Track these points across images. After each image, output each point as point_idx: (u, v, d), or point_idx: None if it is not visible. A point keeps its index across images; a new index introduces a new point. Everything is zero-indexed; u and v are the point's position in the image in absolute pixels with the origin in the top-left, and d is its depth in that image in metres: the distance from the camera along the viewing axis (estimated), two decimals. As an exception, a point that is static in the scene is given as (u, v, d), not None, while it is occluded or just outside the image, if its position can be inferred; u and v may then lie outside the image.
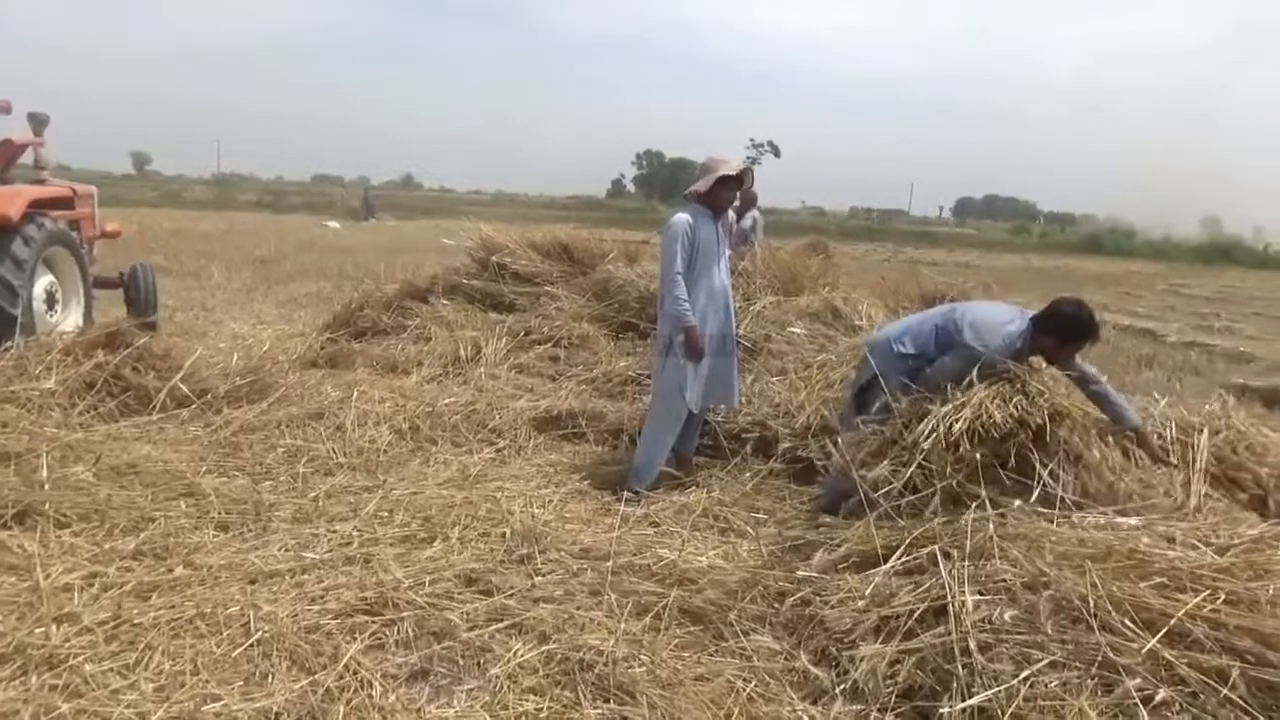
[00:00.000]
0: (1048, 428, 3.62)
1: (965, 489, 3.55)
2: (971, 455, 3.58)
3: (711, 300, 4.78)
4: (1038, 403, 3.66)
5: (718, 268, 4.80)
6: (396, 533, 3.93)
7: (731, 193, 4.86)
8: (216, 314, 10.09)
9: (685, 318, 4.64)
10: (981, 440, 3.61)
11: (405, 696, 2.78)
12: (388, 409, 5.48)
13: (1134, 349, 11.09)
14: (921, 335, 4.22)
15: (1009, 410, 3.64)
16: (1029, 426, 3.63)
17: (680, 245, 4.64)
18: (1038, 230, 61.23)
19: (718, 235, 4.83)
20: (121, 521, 3.82)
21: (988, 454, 3.60)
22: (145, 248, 15.84)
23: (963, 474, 3.57)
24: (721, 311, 4.84)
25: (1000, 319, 4.06)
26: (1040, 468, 3.55)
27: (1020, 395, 3.70)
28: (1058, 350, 3.97)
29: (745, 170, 4.82)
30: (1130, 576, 2.83)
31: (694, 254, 4.68)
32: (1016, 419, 3.63)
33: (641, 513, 4.38)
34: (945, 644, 2.78)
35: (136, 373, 5.45)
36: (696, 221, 4.72)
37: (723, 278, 4.85)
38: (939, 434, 3.64)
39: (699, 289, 4.72)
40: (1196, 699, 2.44)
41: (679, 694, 2.81)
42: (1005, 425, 3.62)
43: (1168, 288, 22.46)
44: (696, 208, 4.77)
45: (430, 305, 7.72)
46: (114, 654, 2.87)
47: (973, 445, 3.60)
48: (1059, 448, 3.61)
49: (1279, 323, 15.50)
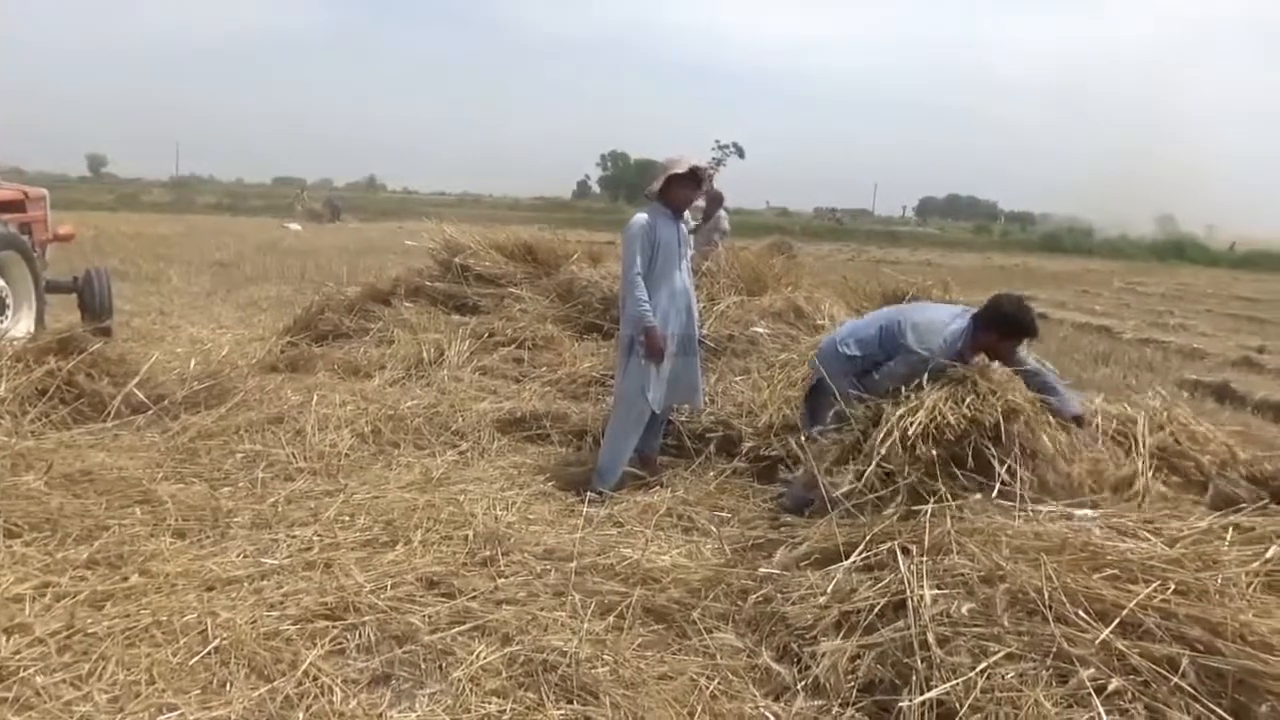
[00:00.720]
0: (1002, 425, 3.67)
1: (925, 485, 3.60)
2: (929, 454, 3.63)
3: (673, 300, 4.78)
4: (990, 401, 3.71)
5: (679, 268, 4.81)
6: (358, 537, 3.89)
7: (688, 191, 4.82)
8: (174, 318, 9.92)
9: (645, 318, 4.64)
10: (937, 442, 3.66)
11: (366, 702, 2.75)
12: (349, 412, 5.43)
13: (1090, 346, 11.28)
14: (866, 337, 4.30)
15: (962, 411, 3.70)
16: (983, 425, 3.68)
17: (640, 245, 4.65)
18: (998, 229, 62.17)
19: (679, 235, 4.83)
20: (74, 530, 3.75)
21: (945, 454, 3.65)
22: (101, 251, 15.56)
23: (921, 471, 3.62)
24: (683, 312, 4.84)
25: (941, 320, 4.14)
26: (998, 465, 3.59)
27: (972, 394, 3.76)
28: (998, 346, 4.05)
29: (696, 168, 4.77)
30: (1084, 569, 2.88)
31: (654, 254, 4.68)
32: (969, 418, 3.69)
33: (605, 513, 4.38)
34: (904, 638, 2.81)
35: (90, 379, 5.35)
36: (656, 221, 4.72)
37: (684, 278, 4.86)
38: (894, 438, 3.68)
39: (660, 289, 4.72)
40: (1148, 687, 2.49)
41: (642, 693, 2.82)
42: (959, 426, 3.68)
43: (1124, 285, 22.88)
44: (657, 207, 4.78)
45: (393, 308, 7.65)
46: (66, 665, 2.81)
47: (929, 446, 3.65)
48: (1014, 444, 3.66)
49: (1229, 319, 15.85)
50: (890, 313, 4.46)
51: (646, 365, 4.70)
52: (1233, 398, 8.31)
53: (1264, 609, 2.64)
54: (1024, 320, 4.03)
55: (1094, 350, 10.91)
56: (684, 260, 4.87)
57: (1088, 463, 3.80)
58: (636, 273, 4.64)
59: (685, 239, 4.92)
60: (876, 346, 4.21)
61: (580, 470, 4.98)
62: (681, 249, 4.85)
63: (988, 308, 4.09)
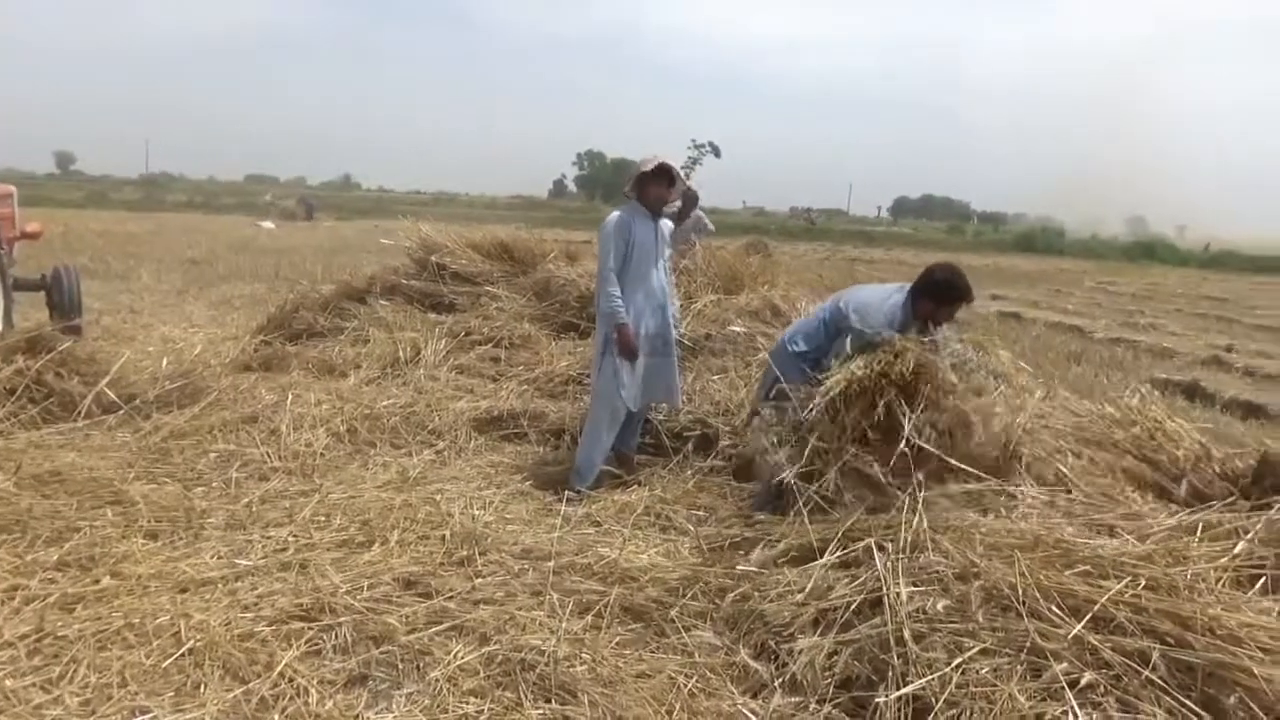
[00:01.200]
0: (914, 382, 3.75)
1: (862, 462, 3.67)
2: (852, 420, 3.71)
3: (649, 298, 4.79)
4: (902, 359, 3.79)
5: (655, 266, 4.82)
6: (334, 537, 3.86)
7: (660, 190, 4.81)
8: (145, 317, 9.80)
9: (617, 314, 4.66)
10: (855, 399, 3.75)
11: (343, 703, 2.74)
12: (324, 412, 5.39)
13: (1063, 345, 11.40)
14: (810, 330, 4.44)
15: (871, 368, 3.79)
16: (892, 379, 3.75)
17: (614, 243, 4.67)
18: (972, 229, 62.62)
19: (656, 234, 4.84)
20: (44, 532, 3.70)
21: (859, 414, 3.73)
22: (70, 249, 15.34)
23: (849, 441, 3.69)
24: (658, 311, 4.85)
25: (879, 297, 4.29)
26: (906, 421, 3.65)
27: (888, 356, 3.83)
28: (936, 312, 4.17)
29: (665, 166, 4.75)
30: (1056, 565, 2.91)
31: (630, 252, 4.70)
32: (879, 372, 3.76)
33: (583, 512, 4.38)
34: (881, 635, 2.83)
35: (60, 378, 5.29)
36: (632, 220, 4.74)
37: (660, 277, 4.87)
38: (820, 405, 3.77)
39: (635, 287, 4.74)
40: (1120, 681, 2.52)
41: (621, 691, 2.82)
42: (869, 380, 3.76)
43: (1095, 285, 23.13)
44: (635, 206, 4.79)
45: (368, 306, 7.60)
46: (36, 668, 2.78)
47: (847, 408, 3.74)
48: (922, 399, 3.72)
49: (1198, 319, 16.07)
50: (828, 303, 4.60)
51: (621, 363, 4.71)
52: (1202, 396, 8.43)
53: (1232, 603, 2.69)
54: (957, 284, 4.17)
55: (1066, 349, 11.02)
56: (661, 259, 4.88)
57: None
58: (610, 269, 4.67)
59: (663, 238, 4.93)
60: (823, 337, 4.35)
61: (558, 469, 4.98)
62: (658, 248, 4.85)
63: (922, 277, 4.23)
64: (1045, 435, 3.99)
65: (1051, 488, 3.62)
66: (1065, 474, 3.75)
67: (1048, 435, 4.02)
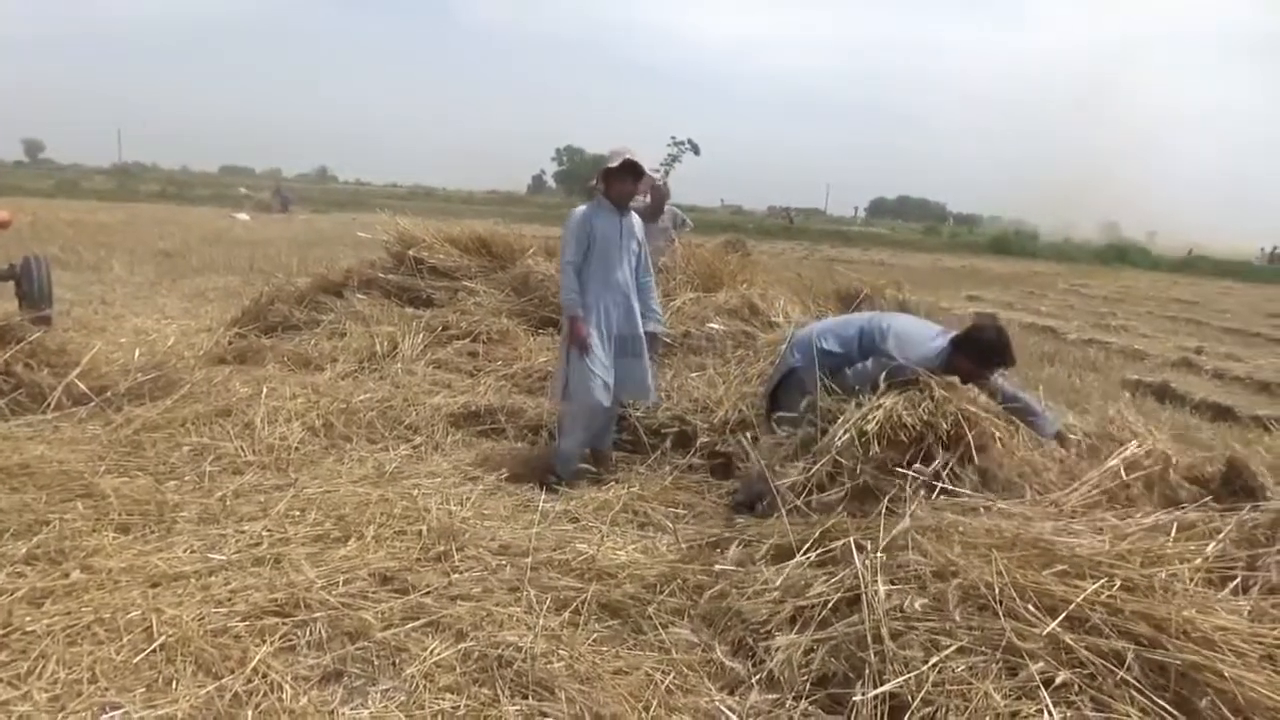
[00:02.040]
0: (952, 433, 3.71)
1: (878, 482, 3.63)
2: (881, 457, 3.65)
3: (609, 292, 4.79)
4: (945, 408, 3.75)
5: (620, 262, 4.81)
6: (309, 532, 3.82)
7: (625, 185, 4.80)
8: (117, 308, 9.65)
9: (573, 308, 4.69)
10: (892, 444, 3.69)
11: (318, 699, 2.71)
12: (300, 405, 5.34)
13: (1036, 346, 11.50)
14: (845, 335, 4.30)
15: (918, 414, 3.73)
16: (936, 431, 3.71)
17: (574, 236, 4.71)
18: (947, 231, 63.10)
19: (621, 229, 4.83)
20: (12, 525, 3.64)
21: (897, 459, 3.66)
22: (39, 239, 15.08)
23: (872, 466, 3.65)
24: (620, 305, 4.83)
25: (924, 335, 4.18)
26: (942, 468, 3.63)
27: (928, 400, 3.80)
28: (973, 374, 4.06)
29: (630, 162, 4.73)
30: (1033, 565, 2.93)
31: (591, 246, 4.72)
32: (925, 422, 3.72)
33: (561, 508, 4.36)
34: (858, 632, 2.84)
35: (29, 369, 5.21)
36: (595, 214, 4.77)
37: (625, 272, 4.85)
38: (852, 434, 3.71)
39: (596, 281, 4.75)
40: (1095, 680, 2.55)
41: (598, 688, 2.81)
42: (914, 429, 3.70)
43: (1069, 287, 23.34)
44: (600, 200, 4.82)
45: (345, 300, 7.55)
46: (4, 664, 2.74)
47: (882, 449, 3.67)
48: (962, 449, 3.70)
49: (1169, 321, 16.27)
50: (871, 316, 4.47)
51: (591, 358, 4.71)
52: (1173, 397, 8.53)
53: (1206, 605, 2.72)
54: (1001, 349, 4.05)
55: (1040, 350, 11.12)
56: (626, 253, 4.86)
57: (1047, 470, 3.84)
58: (568, 262, 4.72)
59: (630, 232, 4.90)
60: (855, 346, 4.22)
61: (535, 465, 4.95)
62: (623, 242, 4.83)
63: (968, 333, 4.11)
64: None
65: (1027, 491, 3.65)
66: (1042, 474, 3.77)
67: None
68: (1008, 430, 3.84)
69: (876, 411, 3.75)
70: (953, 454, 3.67)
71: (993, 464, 3.72)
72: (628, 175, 4.77)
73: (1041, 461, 3.83)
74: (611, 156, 4.75)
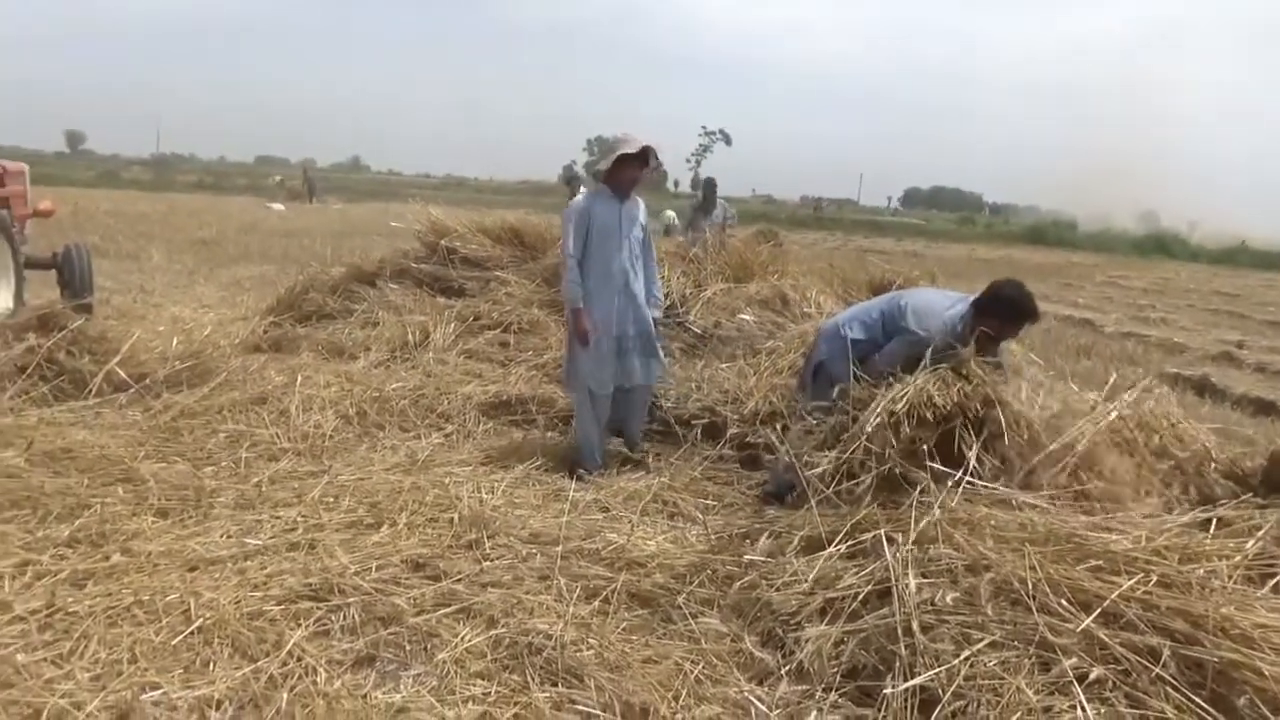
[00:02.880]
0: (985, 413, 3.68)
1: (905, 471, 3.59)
2: (910, 437, 3.61)
3: (608, 281, 4.77)
4: (978, 389, 3.72)
5: (619, 249, 4.78)
6: (342, 518, 3.87)
7: (635, 171, 4.76)
8: (156, 297, 9.83)
9: (574, 301, 4.71)
10: (921, 423, 3.66)
11: (350, 682, 2.75)
12: (333, 394, 5.40)
13: (1073, 339, 11.36)
14: (869, 321, 4.31)
15: (949, 395, 3.69)
16: (967, 413, 3.68)
17: (574, 228, 4.71)
18: (983, 221, 62.36)
19: (621, 216, 4.80)
20: (55, 508, 3.72)
21: (926, 438, 3.62)
22: (80, 228, 15.36)
23: (899, 453, 3.60)
24: (619, 294, 4.79)
25: (941, 304, 4.18)
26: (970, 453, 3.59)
27: (962, 381, 3.76)
28: (1000, 331, 4.05)
29: (647, 149, 4.71)
30: (1067, 560, 2.90)
31: (590, 236, 4.72)
32: (956, 403, 3.68)
33: (591, 498, 4.38)
34: (889, 625, 2.83)
35: (71, 356, 5.30)
36: (595, 204, 4.77)
37: (624, 259, 4.80)
38: (882, 418, 3.68)
39: (595, 270, 4.74)
40: (1129, 677, 2.51)
41: (627, 676, 2.83)
42: (945, 408, 3.66)
43: (1106, 279, 23.01)
44: (602, 189, 4.82)
45: (378, 289, 7.61)
46: (47, 643, 2.80)
47: (912, 428, 3.64)
48: (987, 432, 3.66)
49: (1209, 314, 15.99)
50: (891, 297, 4.50)
51: (583, 347, 4.73)
52: (1213, 391, 8.39)
53: (1244, 602, 2.67)
54: (1025, 304, 4.03)
55: (1076, 343, 10.98)
56: (626, 240, 4.81)
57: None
58: (569, 254, 4.72)
59: (631, 219, 4.85)
60: (880, 330, 4.23)
61: (566, 454, 4.98)
62: (622, 228, 4.79)
63: (989, 291, 4.10)
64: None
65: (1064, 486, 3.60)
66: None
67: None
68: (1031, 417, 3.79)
69: (907, 391, 3.72)
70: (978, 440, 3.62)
71: (1011, 451, 3.67)
72: (638, 162, 4.74)
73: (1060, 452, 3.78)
74: (623, 142, 4.69)
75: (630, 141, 4.69)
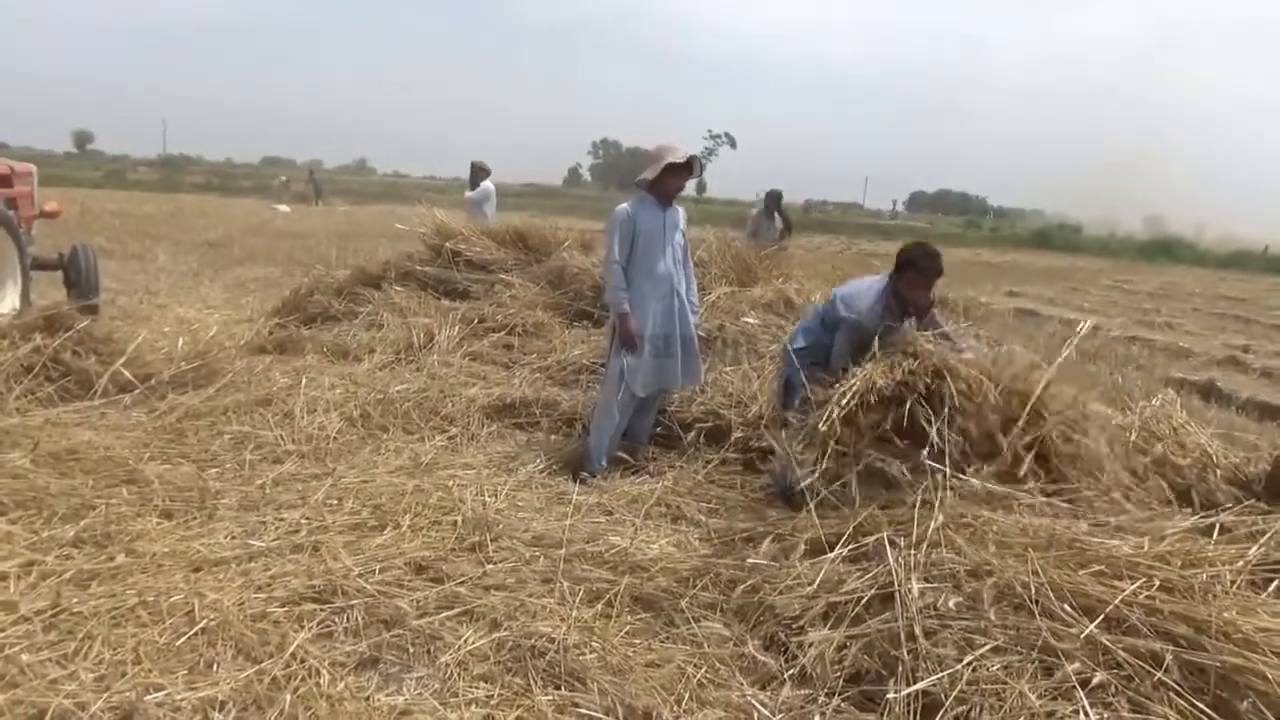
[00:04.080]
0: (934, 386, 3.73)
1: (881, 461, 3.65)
2: (870, 423, 3.71)
3: (654, 288, 4.81)
4: (925, 363, 3.77)
5: (663, 255, 4.82)
6: (346, 520, 3.88)
7: (680, 181, 4.83)
8: (161, 298, 9.85)
9: (620, 305, 4.72)
10: (871, 408, 3.73)
11: (354, 684, 2.75)
12: (338, 396, 5.41)
13: (1078, 343, 11.31)
14: (810, 326, 4.56)
15: (893, 376, 3.77)
16: (915, 388, 3.73)
17: (620, 234, 4.72)
18: (988, 225, 62.24)
19: (664, 223, 4.84)
20: (60, 509, 3.73)
21: (880, 419, 3.72)
22: (87, 229, 15.43)
23: (868, 443, 3.67)
24: (664, 299, 4.85)
25: (866, 286, 4.43)
26: (930, 427, 3.63)
27: (910, 360, 3.82)
28: (916, 286, 4.25)
29: (693, 159, 4.79)
30: (1070, 564, 2.90)
31: (635, 243, 4.74)
32: (899, 381, 3.75)
33: (594, 501, 4.38)
34: (892, 629, 2.83)
35: (77, 357, 5.32)
36: (640, 211, 4.78)
37: (669, 265, 4.86)
38: (834, 414, 3.73)
39: (641, 276, 4.78)
40: (1132, 682, 2.52)
41: (630, 680, 2.83)
42: (888, 389, 3.75)
43: (1112, 283, 22.95)
44: (645, 196, 4.82)
45: (382, 291, 7.62)
46: (52, 643, 2.81)
47: (865, 413, 3.72)
48: (944, 405, 3.69)
49: (1215, 319, 15.94)
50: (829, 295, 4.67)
51: (629, 351, 4.75)
52: (1219, 396, 8.36)
53: (1247, 607, 2.67)
54: (930, 255, 4.26)
55: (1081, 347, 10.93)
56: (669, 246, 4.87)
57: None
58: (615, 261, 4.74)
59: (674, 225, 4.92)
60: (821, 329, 4.44)
61: (570, 457, 4.98)
62: (665, 234, 4.85)
63: (897, 258, 4.34)
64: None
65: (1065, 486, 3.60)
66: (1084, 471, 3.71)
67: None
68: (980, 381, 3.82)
69: (854, 383, 3.80)
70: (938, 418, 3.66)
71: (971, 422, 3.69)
72: (685, 171, 4.80)
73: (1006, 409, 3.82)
74: (670, 150, 4.76)
75: (676, 151, 4.76)
